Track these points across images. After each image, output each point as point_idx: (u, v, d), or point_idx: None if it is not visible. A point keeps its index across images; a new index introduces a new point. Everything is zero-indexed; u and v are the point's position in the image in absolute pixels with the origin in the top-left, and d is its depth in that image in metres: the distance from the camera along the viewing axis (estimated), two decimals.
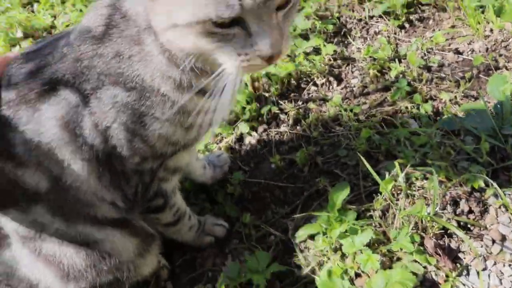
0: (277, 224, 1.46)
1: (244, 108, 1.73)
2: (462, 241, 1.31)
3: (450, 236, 1.33)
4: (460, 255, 1.29)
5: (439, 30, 1.96)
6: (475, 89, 1.71)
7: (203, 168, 1.55)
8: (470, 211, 1.37)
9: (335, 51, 1.93)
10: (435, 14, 2.03)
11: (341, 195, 1.37)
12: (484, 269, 1.26)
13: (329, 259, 1.30)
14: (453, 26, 1.96)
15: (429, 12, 2.05)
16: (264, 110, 1.73)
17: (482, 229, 1.34)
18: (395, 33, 2.01)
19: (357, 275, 1.27)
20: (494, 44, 1.85)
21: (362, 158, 1.42)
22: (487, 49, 1.83)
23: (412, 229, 1.31)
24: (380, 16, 2.07)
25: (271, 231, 1.44)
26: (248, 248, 1.41)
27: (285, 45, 0.86)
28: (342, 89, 1.83)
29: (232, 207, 1.51)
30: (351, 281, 1.25)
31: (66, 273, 1.11)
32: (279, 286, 1.30)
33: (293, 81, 1.86)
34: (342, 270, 1.25)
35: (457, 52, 1.87)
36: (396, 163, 1.43)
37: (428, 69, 1.82)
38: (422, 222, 1.33)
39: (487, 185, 1.39)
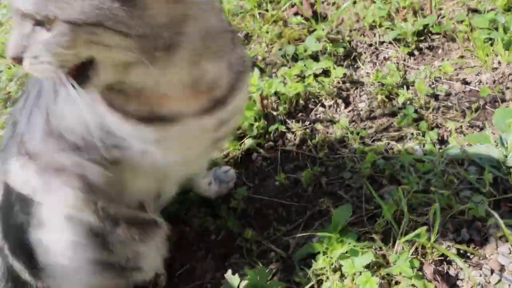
0: (279, 241, 1.47)
1: (252, 125, 1.75)
2: (461, 269, 1.32)
3: (449, 263, 1.34)
4: (459, 282, 1.30)
5: (448, 59, 1.99)
6: (481, 120, 1.73)
7: (208, 185, 1.57)
8: (471, 240, 1.39)
9: (344, 74, 1.96)
10: (444, 44, 2.07)
11: (343, 217, 1.39)
12: None
13: (328, 278, 1.31)
14: (461, 57, 1.99)
15: (439, 42, 2.08)
16: (272, 128, 1.76)
17: (481, 258, 1.35)
18: (404, 60, 2.04)
19: None
20: (502, 77, 1.87)
21: (366, 182, 1.44)
22: (494, 81, 1.86)
23: (412, 254, 1.32)
24: (390, 43, 2.10)
25: (272, 248, 1.45)
26: (249, 263, 1.43)
27: (30, 59, 0.84)
28: (349, 112, 1.85)
29: (234, 222, 1.53)
30: None
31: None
32: None
33: (301, 101, 1.88)
34: None
35: (465, 82, 1.89)
36: (399, 188, 1.45)
37: (436, 97, 1.84)
38: (422, 248, 1.34)
39: (488, 215, 1.41)
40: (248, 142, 1.73)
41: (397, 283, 1.29)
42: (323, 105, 1.88)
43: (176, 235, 1.52)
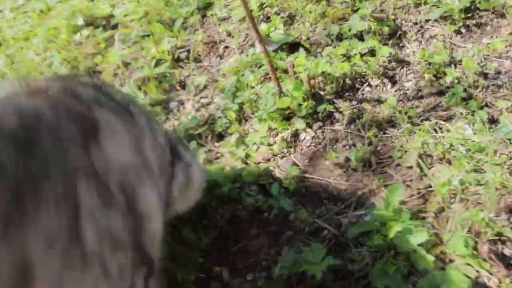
0: (331, 220, 1.50)
1: (300, 105, 1.77)
2: None
3: (504, 243, 1.35)
4: None
5: (497, 37, 1.96)
6: None
7: None
8: None
9: (390, 53, 1.95)
10: (493, 21, 2.03)
11: (396, 195, 1.41)
12: None
13: (383, 255, 1.34)
14: None
15: (487, 18, 2.05)
16: (320, 108, 1.77)
17: None
18: (451, 38, 2.01)
19: (410, 273, 1.30)
20: None
21: (418, 159, 1.45)
22: None
23: (466, 233, 1.33)
24: (436, 20, 2.08)
25: (324, 226, 1.48)
26: (302, 240, 1.46)
27: None
28: (396, 91, 1.85)
29: (286, 200, 1.56)
30: (404, 278, 1.28)
31: None
32: (332, 278, 1.34)
33: (348, 81, 1.89)
34: (396, 267, 1.29)
35: None
36: (450, 167, 1.45)
37: (485, 76, 1.82)
38: (476, 226, 1.35)
39: None
40: (296, 121, 1.75)
41: (451, 261, 1.31)
42: (369, 85, 1.89)
43: (229, 213, 1.57)
